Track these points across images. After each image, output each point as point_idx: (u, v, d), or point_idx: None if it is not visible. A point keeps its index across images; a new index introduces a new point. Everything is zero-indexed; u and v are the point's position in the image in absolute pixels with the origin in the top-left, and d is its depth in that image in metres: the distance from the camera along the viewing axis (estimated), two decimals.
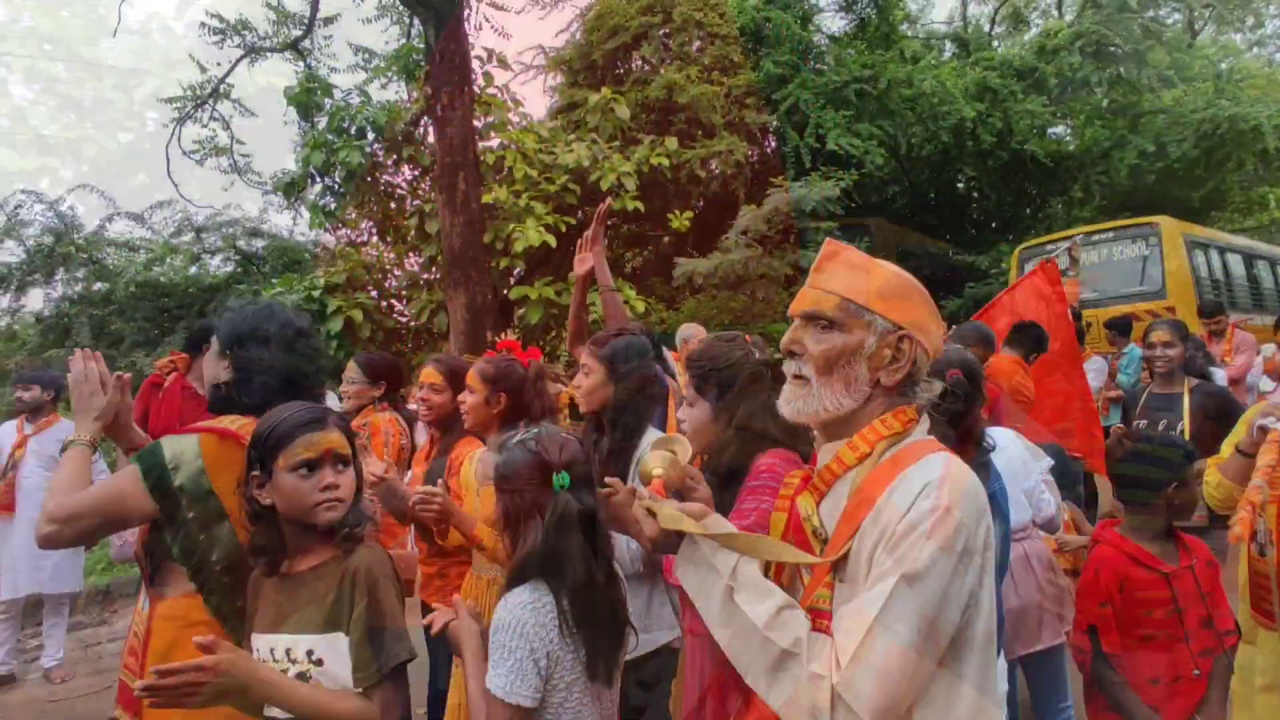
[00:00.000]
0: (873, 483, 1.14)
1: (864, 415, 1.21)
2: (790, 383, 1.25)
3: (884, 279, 1.22)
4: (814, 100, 11.46)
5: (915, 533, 1.06)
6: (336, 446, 1.56)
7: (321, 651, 1.49)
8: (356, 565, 1.53)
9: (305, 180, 9.75)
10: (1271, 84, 22.14)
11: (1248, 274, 9.44)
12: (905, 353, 1.19)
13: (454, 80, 8.32)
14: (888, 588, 1.04)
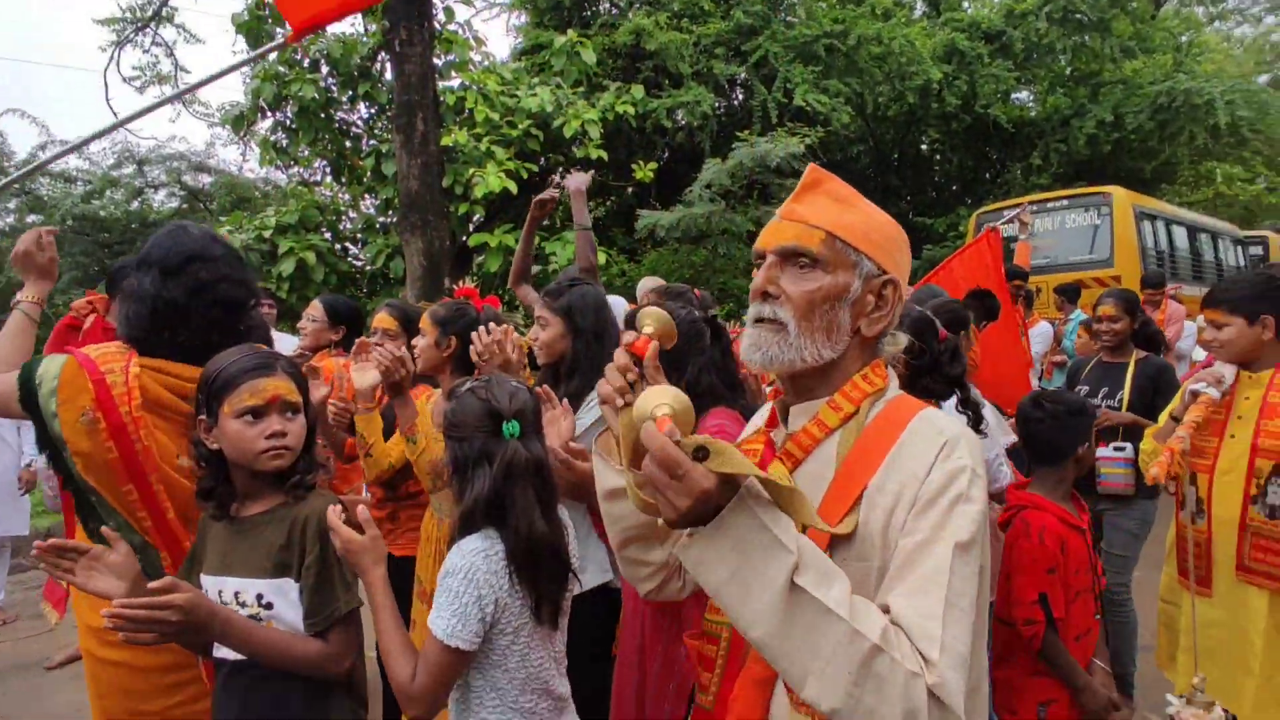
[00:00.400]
0: (868, 446, 1.02)
1: (840, 369, 1.08)
2: (759, 327, 1.08)
3: (871, 216, 1.10)
4: (783, 54, 11.32)
5: (949, 495, 0.94)
6: (284, 393, 1.53)
7: (271, 596, 1.49)
8: (309, 512, 1.53)
9: (255, 114, 9.33)
10: (1228, 59, 22.58)
11: (1191, 246, 9.75)
12: (889, 300, 1.08)
13: (413, 14, 7.97)
14: (944, 560, 0.91)
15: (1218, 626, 2.27)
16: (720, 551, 0.86)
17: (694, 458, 0.84)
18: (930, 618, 0.88)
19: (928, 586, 0.90)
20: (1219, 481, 2.26)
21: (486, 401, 1.57)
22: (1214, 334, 2.30)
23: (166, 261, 1.72)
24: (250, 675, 1.50)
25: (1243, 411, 2.24)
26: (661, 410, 0.92)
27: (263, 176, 12.51)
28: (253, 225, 8.95)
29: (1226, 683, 2.22)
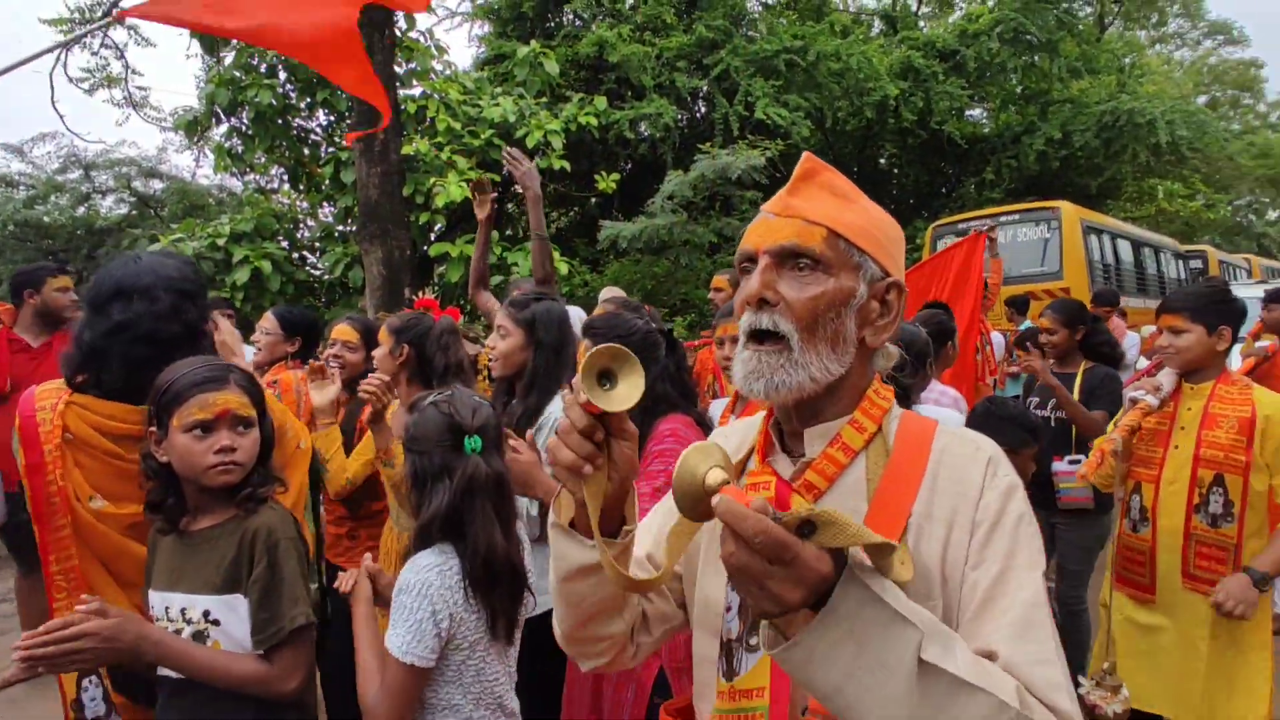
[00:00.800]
0: (903, 469, 0.91)
1: (846, 386, 0.95)
2: (756, 350, 0.92)
3: (871, 213, 0.97)
4: (744, 68, 11.48)
5: (1010, 517, 0.87)
6: (235, 408, 1.49)
7: (219, 612, 1.45)
8: (258, 526, 1.49)
9: (209, 119, 9.12)
10: (1169, 81, 23.55)
11: (1135, 260, 10.12)
12: (893, 306, 0.96)
13: (373, 21, 7.91)
14: (1037, 594, 0.83)
15: (1162, 632, 2.32)
16: (833, 643, 0.68)
17: (799, 534, 0.66)
18: (1048, 663, 0.79)
19: (1031, 627, 0.80)
20: (1164, 491, 2.32)
21: (449, 416, 1.56)
22: (1171, 339, 2.33)
23: (95, 300, 1.65)
24: (195, 695, 1.45)
25: (1185, 423, 2.31)
26: (717, 476, 0.73)
27: (217, 183, 12.23)
28: (206, 233, 8.73)
29: (1175, 687, 2.27)
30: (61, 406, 1.63)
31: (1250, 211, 29.25)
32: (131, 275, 1.66)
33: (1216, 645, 2.20)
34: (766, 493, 0.86)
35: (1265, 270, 15.49)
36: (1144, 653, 2.35)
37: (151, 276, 1.67)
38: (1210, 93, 28.58)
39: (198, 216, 10.32)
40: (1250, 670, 2.17)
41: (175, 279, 1.70)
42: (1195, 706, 2.22)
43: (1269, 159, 18.47)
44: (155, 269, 1.70)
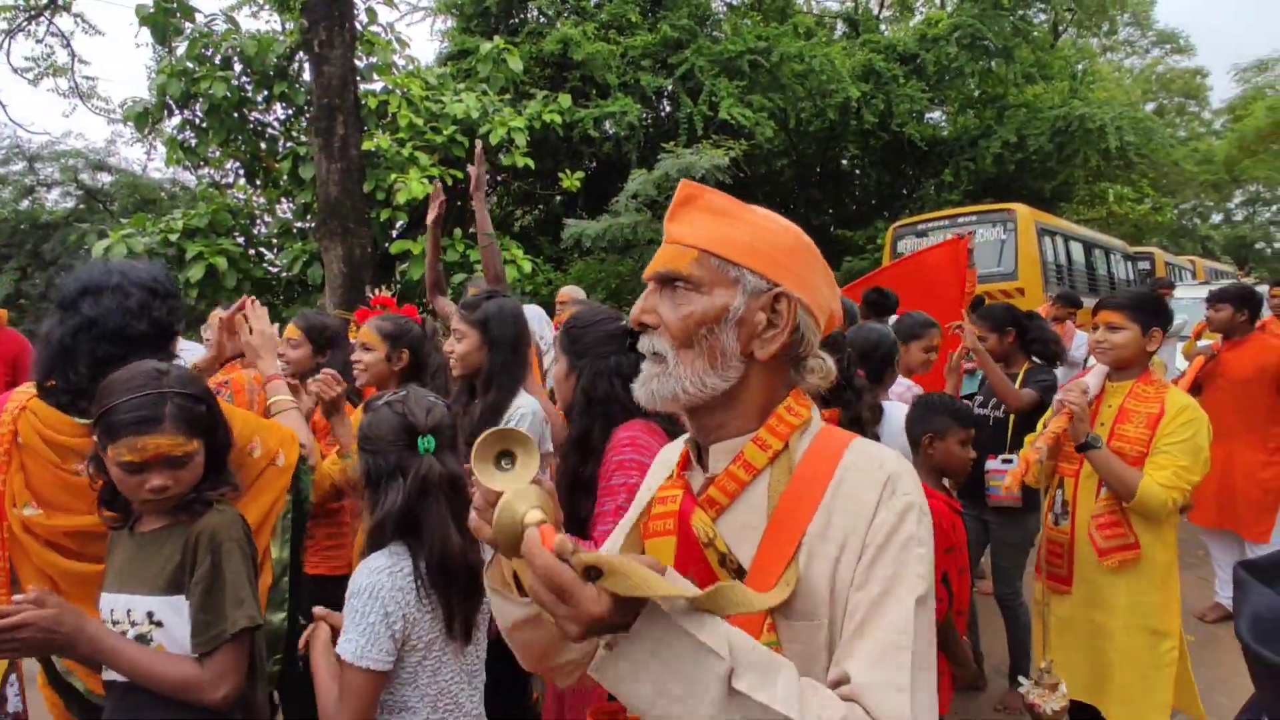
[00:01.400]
0: (802, 488, 0.92)
1: (744, 400, 0.97)
2: (646, 363, 0.99)
3: (756, 225, 0.98)
4: (709, 68, 11.55)
5: (898, 539, 0.87)
6: (166, 450, 1.43)
7: (162, 613, 1.43)
8: (202, 528, 1.47)
9: (160, 111, 8.88)
10: (1119, 88, 24.28)
11: (1086, 261, 10.41)
12: (783, 316, 0.95)
13: (333, 14, 7.77)
14: (907, 621, 0.84)
15: (1079, 623, 2.40)
16: (639, 666, 0.75)
17: (586, 577, 0.73)
18: (899, 691, 0.81)
19: (892, 653, 0.82)
20: (1082, 485, 2.41)
21: (402, 416, 1.55)
22: (1106, 335, 2.41)
23: (63, 299, 1.66)
24: (140, 698, 1.43)
25: (1104, 419, 2.40)
26: (533, 516, 0.80)
27: (169, 177, 11.90)
28: (158, 228, 8.48)
29: (1092, 675, 2.35)
30: (18, 411, 1.64)
31: (1195, 215, 30.36)
32: (101, 274, 1.68)
33: (1127, 633, 2.28)
34: (672, 505, 0.99)
35: (1209, 272, 16.08)
36: (1066, 645, 2.43)
37: (120, 276, 1.69)
38: (1158, 100, 29.57)
39: (149, 211, 10.01)
40: (1158, 656, 2.25)
41: (145, 278, 1.73)
42: (1111, 693, 2.30)
43: (1212, 165, 19.18)
44: (124, 269, 1.72)
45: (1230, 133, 19.84)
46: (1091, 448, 2.29)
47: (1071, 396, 2.31)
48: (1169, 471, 2.21)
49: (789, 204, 14.93)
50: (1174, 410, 2.28)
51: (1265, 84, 20.30)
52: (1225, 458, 3.99)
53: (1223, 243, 30.02)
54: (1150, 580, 2.29)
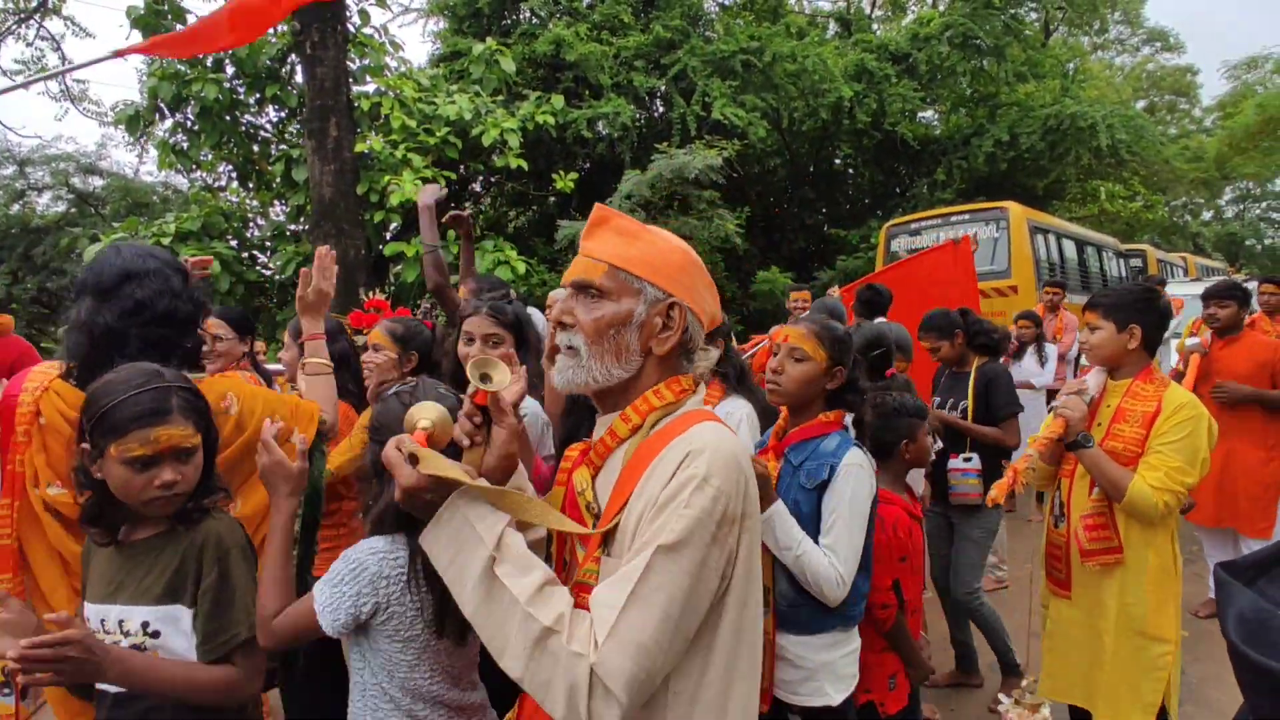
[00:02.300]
0: (641, 455, 1.12)
1: (638, 386, 1.19)
2: (562, 354, 1.19)
3: (654, 246, 1.19)
4: (701, 68, 11.56)
5: (674, 502, 1.03)
6: (178, 440, 1.41)
7: (159, 624, 1.41)
8: (206, 535, 1.46)
9: (152, 114, 8.85)
10: (1110, 86, 24.39)
11: (1079, 258, 10.46)
12: (676, 321, 1.17)
13: (326, 16, 7.76)
14: (645, 559, 1.01)
15: (1076, 626, 2.37)
16: (440, 541, 1.07)
17: (410, 462, 1.08)
18: (610, 606, 1.00)
19: (620, 581, 1.01)
20: (1076, 486, 2.38)
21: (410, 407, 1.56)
22: (1087, 335, 2.41)
23: (100, 285, 1.66)
24: (137, 707, 1.42)
25: (1102, 419, 2.36)
26: (423, 424, 1.18)
27: (161, 180, 11.86)
28: (150, 232, 8.46)
29: (1085, 678, 2.34)
30: (40, 391, 1.64)
31: (1186, 212, 30.50)
32: (138, 258, 1.71)
33: (1118, 637, 2.26)
34: (568, 463, 1.30)
35: (1200, 268, 16.17)
36: (1062, 649, 2.41)
37: (156, 260, 1.73)
38: (1149, 98, 29.71)
39: (141, 214, 9.97)
40: (1148, 660, 2.22)
41: (175, 261, 1.78)
42: (1102, 696, 2.28)
43: (1202, 162, 19.27)
44: (155, 253, 1.76)
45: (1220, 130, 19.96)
46: (1081, 447, 2.27)
47: (1068, 400, 2.29)
48: (1160, 473, 2.16)
49: (782, 203, 14.96)
50: (1170, 409, 2.22)
51: (1255, 81, 20.44)
52: (1224, 456, 3.99)
53: (1213, 239, 30.18)
54: (1141, 584, 2.24)
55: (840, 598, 1.88)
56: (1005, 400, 3.42)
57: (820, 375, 2.04)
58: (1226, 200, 31.92)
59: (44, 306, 12.84)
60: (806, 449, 2.02)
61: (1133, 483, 2.18)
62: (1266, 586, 0.52)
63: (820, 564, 1.86)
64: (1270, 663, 0.45)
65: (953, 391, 3.57)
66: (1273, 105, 14.71)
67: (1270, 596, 0.51)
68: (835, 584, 1.85)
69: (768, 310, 10.96)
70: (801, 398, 2.06)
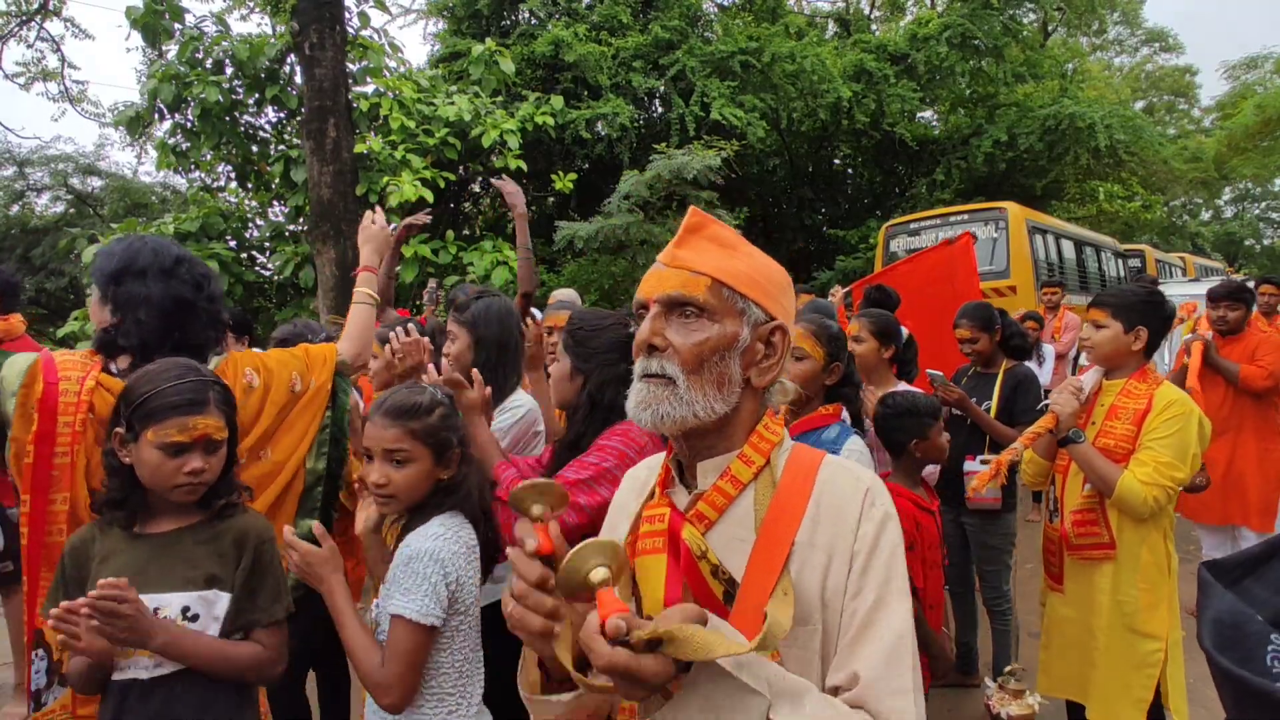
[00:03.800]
0: (787, 500, 0.97)
1: (736, 422, 1.02)
2: (646, 383, 1.00)
3: (755, 260, 1.04)
4: (700, 68, 11.56)
5: (885, 548, 0.94)
6: (211, 431, 1.51)
7: (197, 608, 1.50)
8: (244, 527, 1.57)
9: (151, 115, 8.84)
10: (1108, 86, 24.39)
11: (1077, 259, 10.46)
12: (778, 347, 1.03)
13: (324, 17, 7.76)
14: (906, 626, 0.91)
15: (1070, 623, 2.40)
16: (689, 715, 0.81)
17: (648, 648, 0.77)
18: (902, 694, 0.87)
19: (897, 657, 0.89)
20: (1070, 483, 2.41)
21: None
22: (1092, 332, 2.42)
23: (160, 263, 1.75)
24: (163, 694, 1.46)
25: (1096, 417, 2.39)
26: (599, 574, 0.82)
27: (160, 181, 11.86)
28: (149, 232, 8.46)
29: (1079, 674, 2.35)
30: (91, 384, 1.68)
31: (1184, 212, 30.52)
32: (175, 246, 1.82)
33: (1109, 633, 2.28)
34: (660, 524, 1.03)
35: (1199, 268, 16.18)
36: (1058, 645, 2.43)
37: (179, 247, 1.83)
38: (1148, 98, 29.71)
39: (140, 215, 9.97)
40: (1140, 657, 2.24)
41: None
42: (1092, 691, 2.30)
43: (1200, 163, 19.26)
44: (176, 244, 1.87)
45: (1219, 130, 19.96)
46: (1072, 442, 2.29)
47: (1061, 397, 2.31)
48: (1150, 468, 2.18)
49: (781, 204, 14.96)
50: (1160, 405, 2.25)
51: (1255, 82, 20.44)
52: (1230, 452, 3.99)
53: (1212, 239, 30.20)
54: (1134, 581, 2.26)
55: None
56: (1031, 405, 3.31)
57: (820, 371, 2.11)
58: (1225, 200, 31.95)
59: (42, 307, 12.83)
60: (809, 440, 2.06)
61: (1122, 478, 2.20)
62: (1252, 586, 0.52)
63: None
64: (1239, 670, 0.45)
65: (977, 391, 3.47)
66: (1272, 106, 14.71)
67: (1254, 597, 0.51)
68: None
69: None
70: (803, 395, 2.12)
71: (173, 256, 1.77)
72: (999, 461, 2.31)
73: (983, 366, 3.55)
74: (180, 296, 1.74)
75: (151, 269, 1.73)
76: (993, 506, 3.24)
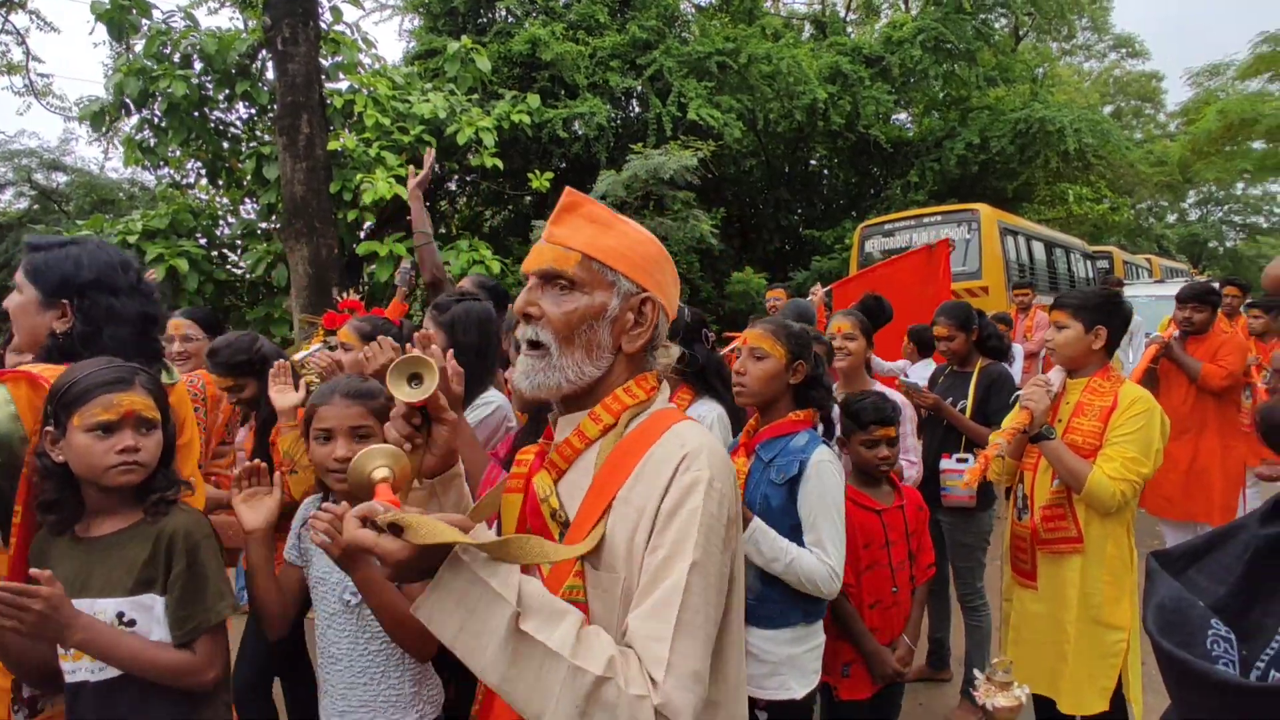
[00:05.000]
0: (621, 457, 1.05)
1: (606, 385, 1.11)
2: (525, 354, 1.10)
3: (628, 236, 1.12)
4: (677, 69, 11.58)
5: (685, 510, 0.98)
6: (140, 409, 1.48)
7: (133, 613, 1.46)
8: (175, 527, 1.51)
9: (117, 110, 8.66)
10: (1077, 91, 24.81)
11: (1047, 260, 10.64)
12: (648, 316, 1.11)
13: (297, 11, 7.65)
14: (680, 580, 0.95)
15: (1041, 618, 2.44)
16: (445, 608, 0.91)
17: (392, 532, 0.90)
18: (659, 639, 0.93)
19: (661, 609, 0.94)
20: (1039, 479, 2.45)
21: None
22: (1054, 334, 2.49)
23: (128, 277, 1.76)
24: (108, 698, 1.44)
25: (1062, 415, 2.45)
26: (379, 474, 1.00)
27: (128, 177, 11.62)
28: (116, 230, 8.27)
29: (1049, 667, 2.40)
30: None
31: (1151, 215, 31.15)
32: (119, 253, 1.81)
33: (1078, 624, 2.33)
34: (524, 468, 1.24)
35: (1165, 270, 16.52)
36: (1028, 640, 2.47)
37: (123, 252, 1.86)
38: (1115, 103, 30.27)
39: (107, 212, 9.76)
40: (1105, 647, 2.30)
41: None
42: (1064, 684, 2.35)
43: (1165, 166, 19.67)
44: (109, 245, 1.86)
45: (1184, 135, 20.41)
46: (1044, 439, 2.34)
47: (1032, 393, 2.36)
48: (1117, 463, 2.24)
49: (758, 204, 15.03)
50: (1125, 403, 2.31)
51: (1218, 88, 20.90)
52: (1193, 450, 4.07)
53: (1177, 242, 30.86)
54: (1100, 574, 2.31)
55: (836, 590, 1.96)
56: (1005, 404, 3.30)
57: (782, 371, 2.10)
58: (1190, 203, 32.67)
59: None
60: (777, 446, 2.07)
61: (1091, 474, 2.25)
62: (1196, 575, 0.54)
63: (810, 563, 1.92)
64: (1181, 653, 0.46)
65: (952, 391, 3.50)
66: (1233, 112, 15.06)
67: (1196, 586, 0.53)
68: (829, 578, 1.93)
69: (743, 311, 11.01)
70: (766, 395, 2.12)
71: (135, 270, 1.79)
72: (986, 456, 2.35)
73: (958, 366, 3.60)
74: (151, 314, 1.77)
75: (124, 286, 1.74)
76: (968, 505, 3.27)
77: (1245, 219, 33.10)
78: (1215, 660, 0.49)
